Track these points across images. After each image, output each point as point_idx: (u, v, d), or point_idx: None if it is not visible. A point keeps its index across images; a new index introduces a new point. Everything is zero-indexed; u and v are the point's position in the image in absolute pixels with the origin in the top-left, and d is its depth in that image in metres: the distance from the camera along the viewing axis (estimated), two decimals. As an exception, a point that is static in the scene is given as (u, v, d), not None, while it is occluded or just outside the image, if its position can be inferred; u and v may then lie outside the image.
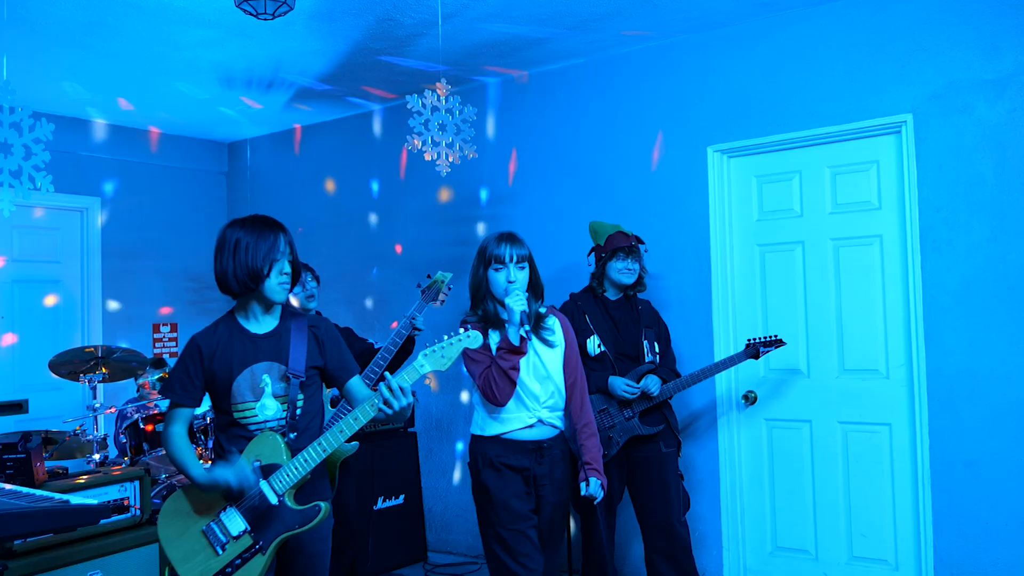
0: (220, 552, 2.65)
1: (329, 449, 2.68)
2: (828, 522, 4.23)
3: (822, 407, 4.26)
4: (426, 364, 2.69)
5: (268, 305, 2.79)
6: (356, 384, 2.87)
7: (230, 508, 2.67)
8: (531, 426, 3.16)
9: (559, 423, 3.25)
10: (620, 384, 3.87)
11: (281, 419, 2.73)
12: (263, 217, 2.80)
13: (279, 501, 2.65)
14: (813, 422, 4.29)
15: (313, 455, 2.67)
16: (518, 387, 3.13)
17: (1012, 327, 3.73)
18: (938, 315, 3.91)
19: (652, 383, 3.89)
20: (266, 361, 2.74)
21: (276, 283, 2.73)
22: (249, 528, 2.66)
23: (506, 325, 3.14)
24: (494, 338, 3.17)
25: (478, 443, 3.20)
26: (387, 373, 2.70)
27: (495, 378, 3.09)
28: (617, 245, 4.02)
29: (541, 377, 3.17)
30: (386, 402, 2.62)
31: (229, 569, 2.64)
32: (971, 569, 3.81)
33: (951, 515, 3.86)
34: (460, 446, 5.42)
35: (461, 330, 2.75)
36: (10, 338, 5.59)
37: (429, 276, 4.17)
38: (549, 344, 3.23)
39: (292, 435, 2.72)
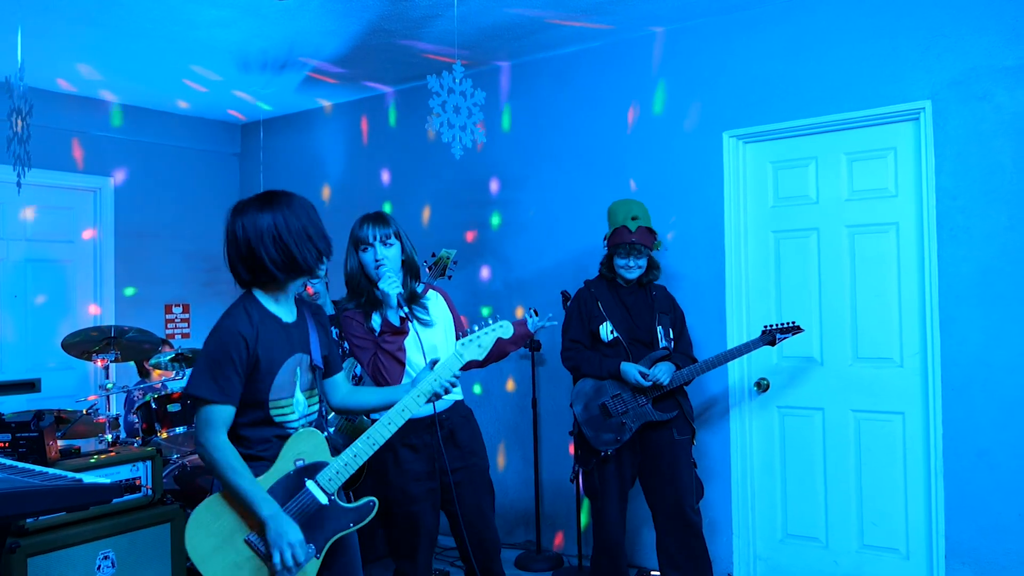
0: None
1: (380, 442, 2.58)
2: (839, 510, 4.22)
3: (835, 395, 4.24)
4: (465, 353, 2.70)
5: (291, 291, 2.59)
6: (342, 378, 2.78)
7: None
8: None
9: (456, 394, 3.26)
10: (633, 372, 3.84)
11: (310, 414, 2.60)
12: (298, 197, 2.54)
13: (330, 501, 2.52)
14: (826, 410, 4.27)
15: (364, 449, 2.55)
16: (407, 367, 3.16)
17: (1029, 317, 3.70)
18: (954, 304, 3.87)
19: (663, 372, 3.84)
20: (299, 352, 2.55)
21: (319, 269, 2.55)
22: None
23: (384, 308, 3.14)
24: (376, 321, 3.17)
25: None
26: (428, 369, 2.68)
27: (383, 362, 3.08)
28: (618, 242, 3.93)
29: (429, 354, 3.13)
30: (437, 395, 2.66)
31: None
32: (982, 559, 3.79)
33: (963, 504, 3.84)
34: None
35: (489, 321, 2.77)
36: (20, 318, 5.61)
37: (434, 255, 4.37)
38: (426, 324, 3.23)
39: (327, 432, 2.59)
